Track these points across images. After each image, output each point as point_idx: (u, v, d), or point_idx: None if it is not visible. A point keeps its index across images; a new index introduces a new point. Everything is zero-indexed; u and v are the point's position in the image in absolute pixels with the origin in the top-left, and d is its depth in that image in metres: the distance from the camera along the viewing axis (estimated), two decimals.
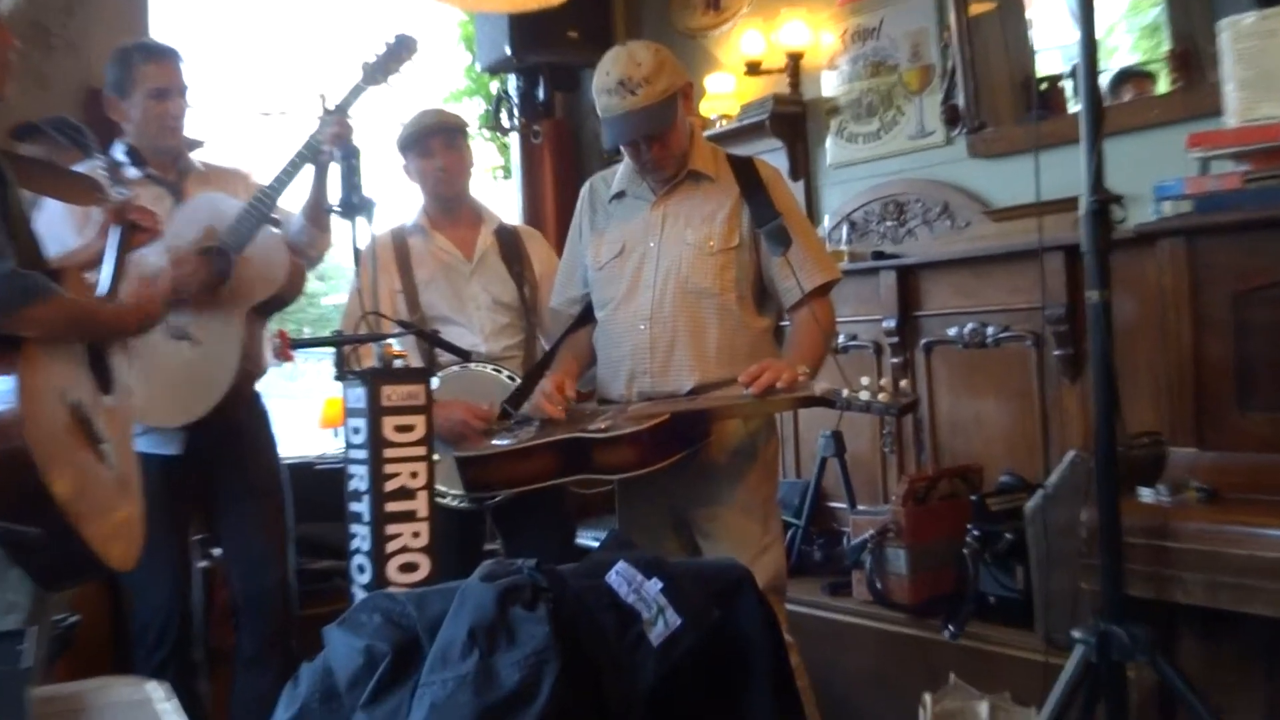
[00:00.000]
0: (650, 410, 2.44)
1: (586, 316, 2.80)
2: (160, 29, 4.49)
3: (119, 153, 2.91)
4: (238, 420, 2.94)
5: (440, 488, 2.83)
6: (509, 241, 3.16)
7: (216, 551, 3.33)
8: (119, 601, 3.48)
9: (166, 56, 2.94)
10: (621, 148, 2.61)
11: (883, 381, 2.24)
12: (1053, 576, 2.92)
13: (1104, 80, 3.38)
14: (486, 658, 1.29)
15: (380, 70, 2.81)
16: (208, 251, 2.81)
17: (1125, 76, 3.58)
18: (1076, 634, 2.22)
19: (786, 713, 1.54)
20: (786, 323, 2.72)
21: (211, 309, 2.83)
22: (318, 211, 2.93)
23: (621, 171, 2.73)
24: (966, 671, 3.00)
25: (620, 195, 2.72)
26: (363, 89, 2.81)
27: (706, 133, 4.58)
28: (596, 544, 4.13)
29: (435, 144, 3.05)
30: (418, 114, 3.14)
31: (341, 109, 2.79)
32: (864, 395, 2.21)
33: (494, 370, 2.95)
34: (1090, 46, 2.21)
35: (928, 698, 2.96)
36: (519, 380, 2.89)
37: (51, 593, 2.10)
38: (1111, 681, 2.17)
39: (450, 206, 3.13)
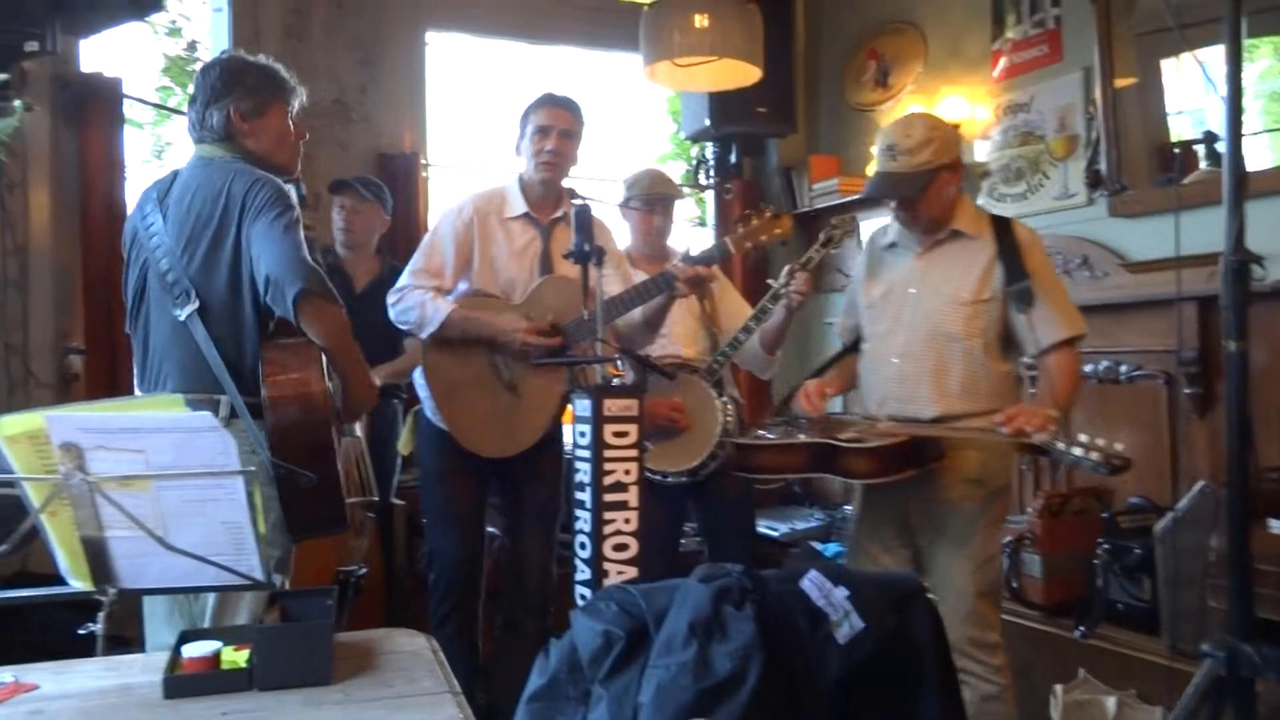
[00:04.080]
0: (893, 429, 2.38)
1: (857, 343, 2.71)
2: (436, 108, 4.70)
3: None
4: (539, 449, 2.89)
5: (663, 468, 2.90)
6: None
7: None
8: (391, 559, 3.65)
9: (557, 103, 2.87)
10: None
11: (1100, 441, 2.07)
12: (1179, 592, 2.72)
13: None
14: (703, 648, 1.28)
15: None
16: (555, 330, 2.81)
17: None
18: (1206, 647, 2.04)
19: (951, 713, 1.46)
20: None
21: (542, 373, 2.82)
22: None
23: (895, 227, 2.59)
24: (1094, 668, 2.83)
25: (893, 245, 2.60)
26: (718, 259, 2.80)
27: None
28: (771, 531, 4.15)
29: (658, 207, 3.13)
30: (651, 175, 3.17)
31: (702, 261, 2.73)
32: (1076, 450, 2.06)
33: (684, 370, 3.01)
34: (1236, 115, 1.95)
35: (1059, 689, 2.80)
36: (706, 368, 2.96)
37: (296, 542, 2.21)
38: (1240, 695, 1.99)
39: (653, 253, 3.19)
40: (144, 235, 2.19)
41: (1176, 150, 3.63)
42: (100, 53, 3.95)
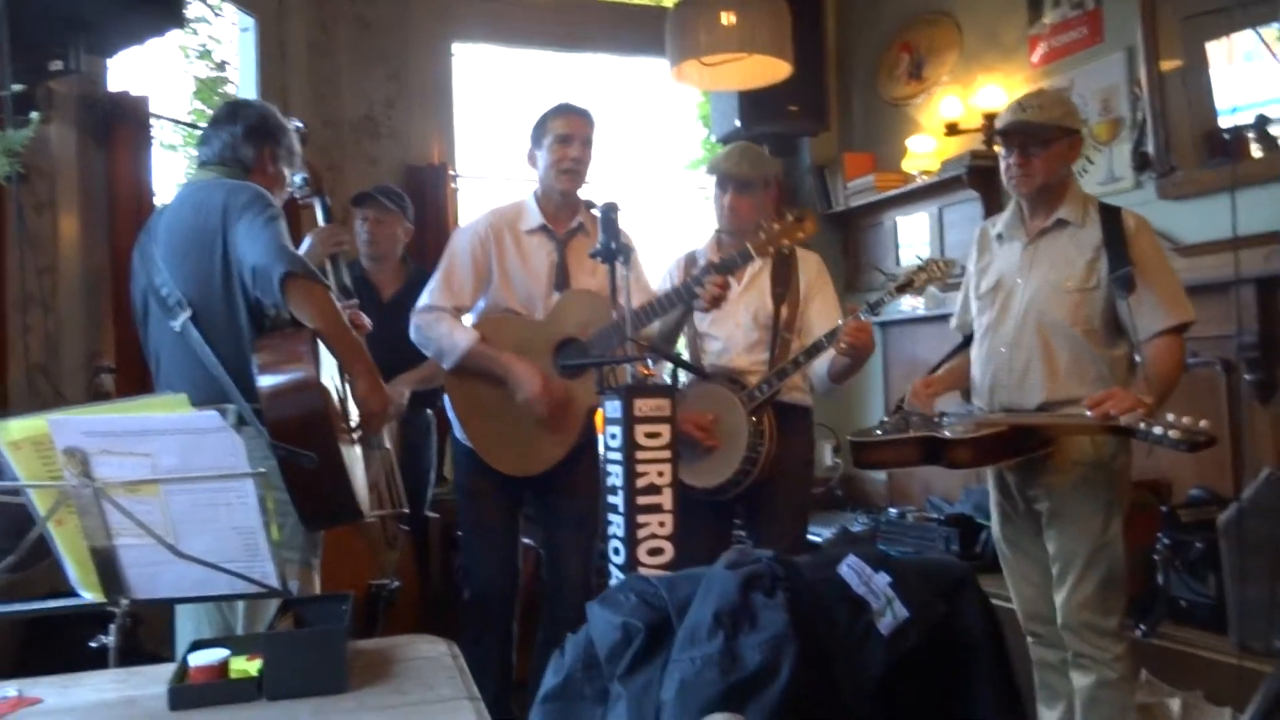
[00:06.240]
0: (994, 420, 2.38)
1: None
2: (463, 119, 4.67)
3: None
4: (570, 461, 2.82)
5: (690, 482, 2.79)
6: (783, 263, 2.94)
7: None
8: (427, 573, 3.58)
9: (576, 113, 2.82)
10: (998, 148, 2.51)
11: (1184, 420, 2.01)
12: (1247, 586, 2.57)
13: None
14: (730, 639, 1.17)
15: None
16: (567, 343, 2.75)
17: None
18: None
19: (1007, 709, 1.34)
20: None
21: (562, 400, 2.74)
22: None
23: (1004, 217, 2.59)
24: (1158, 669, 2.68)
25: (1000, 236, 2.59)
26: (740, 264, 2.67)
27: (909, 186, 4.37)
28: (815, 537, 4.02)
29: (729, 185, 2.90)
30: (730, 152, 2.95)
31: (724, 269, 2.63)
32: (1157, 429, 2.00)
33: (729, 384, 2.84)
34: None
35: None
36: (748, 392, 2.78)
37: (312, 537, 2.17)
38: None
39: (738, 233, 2.91)
40: (140, 262, 2.24)
41: (1227, 136, 3.48)
42: (130, 74, 3.97)
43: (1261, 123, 3.29)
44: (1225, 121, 3.44)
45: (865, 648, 1.24)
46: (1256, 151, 3.30)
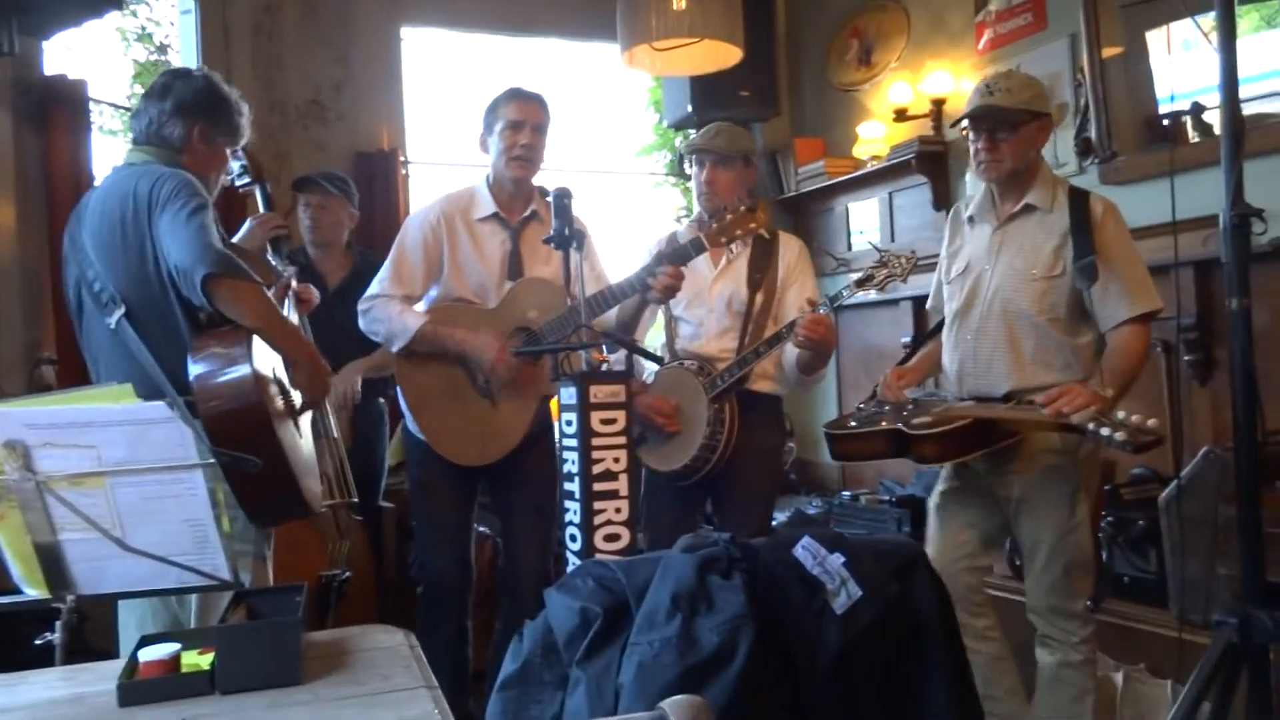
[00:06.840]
0: (961, 412, 2.36)
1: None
2: (412, 104, 4.62)
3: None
4: (527, 447, 2.78)
5: (654, 466, 2.79)
6: (763, 248, 2.90)
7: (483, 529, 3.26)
8: (382, 563, 3.56)
9: (528, 98, 2.76)
10: (965, 132, 2.46)
11: (1133, 419, 2.01)
12: (1187, 561, 2.64)
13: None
14: (688, 622, 1.18)
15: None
16: (520, 332, 2.71)
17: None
18: (1218, 616, 1.96)
19: (959, 687, 1.37)
20: None
21: (518, 380, 2.71)
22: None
23: (976, 200, 2.56)
24: (1101, 643, 2.74)
25: (971, 219, 2.56)
26: (693, 255, 2.62)
27: (859, 172, 4.42)
28: (774, 523, 4.05)
29: (707, 160, 2.85)
30: (709, 128, 2.90)
31: (675, 259, 2.58)
32: (1105, 430, 2.01)
33: (696, 370, 2.84)
34: (1231, 64, 1.92)
35: None
36: (715, 380, 2.79)
37: (263, 530, 2.12)
38: (1254, 662, 1.91)
39: (712, 211, 2.80)
40: (71, 251, 2.15)
41: (1166, 122, 3.56)
42: (67, 57, 3.87)
43: (1198, 110, 3.37)
44: (1164, 108, 3.53)
45: (821, 627, 1.25)
46: (1194, 137, 3.39)
